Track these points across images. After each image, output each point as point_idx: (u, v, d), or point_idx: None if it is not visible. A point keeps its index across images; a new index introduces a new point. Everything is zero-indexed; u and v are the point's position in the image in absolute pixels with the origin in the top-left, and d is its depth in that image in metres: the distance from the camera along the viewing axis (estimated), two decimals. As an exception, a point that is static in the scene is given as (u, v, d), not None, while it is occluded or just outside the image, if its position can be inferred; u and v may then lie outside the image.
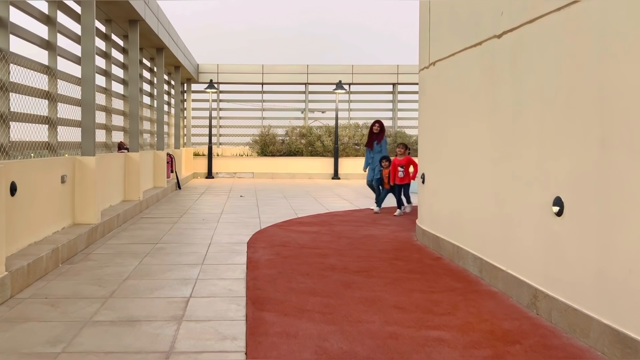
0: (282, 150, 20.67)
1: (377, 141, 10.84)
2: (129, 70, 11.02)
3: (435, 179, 6.78)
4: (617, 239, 3.39)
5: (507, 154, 4.81)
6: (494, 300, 4.62)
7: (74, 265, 5.77)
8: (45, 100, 6.99)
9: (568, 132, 3.89)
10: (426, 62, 7.06)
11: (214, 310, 4.29)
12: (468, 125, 5.73)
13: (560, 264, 3.97)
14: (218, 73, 21.51)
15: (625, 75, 3.34)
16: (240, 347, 3.54)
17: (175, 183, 14.88)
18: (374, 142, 10.87)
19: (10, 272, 4.56)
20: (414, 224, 8.13)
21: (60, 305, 4.36)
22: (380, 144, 10.81)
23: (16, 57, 6.00)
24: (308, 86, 22.02)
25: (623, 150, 3.34)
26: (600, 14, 3.58)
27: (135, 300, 4.54)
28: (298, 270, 5.52)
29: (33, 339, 3.62)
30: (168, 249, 6.63)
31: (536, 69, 4.34)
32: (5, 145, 5.65)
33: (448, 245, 6.18)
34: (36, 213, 5.89)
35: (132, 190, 10.19)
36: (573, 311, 3.78)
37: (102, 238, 7.34)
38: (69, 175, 7.02)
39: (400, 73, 21.79)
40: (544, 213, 4.16)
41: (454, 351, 3.49)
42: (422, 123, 7.45)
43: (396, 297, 4.65)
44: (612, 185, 3.43)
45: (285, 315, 4.15)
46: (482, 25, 5.32)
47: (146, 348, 3.49)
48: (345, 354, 3.43)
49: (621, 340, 3.30)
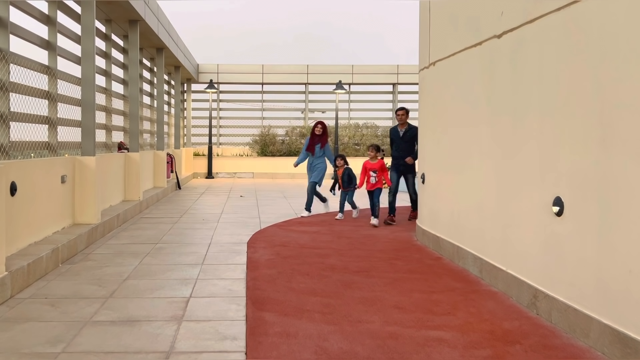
0: (282, 150, 20.66)
1: (320, 145, 9.77)
2: (129, 70, 11.02)
3: (436, 179, 6.78)
4: (617, 239, 3.39)
5: (507, 153, 4.81)
6: (494, 300, 4.62)
7: (74, 265, 5.77)
8: (45, 100, 6.99)
9: (568, 131, 3.89)
10: (426, 62, 7.06)
11: (214, 310, 4.29)
12: (468, 125, 5.72)
13: (560, 264, 3.97)
14: (218, 73, 21.51)
15: (626, 75, 3.34)
16: (240, 347, 3.54)
17: (175, 183, 14.88)
18: (316, 146, 9.75)
19: (10, 272, 4.56)
20: (414, 224, 8.14)
21: (60, 305, 4.36)
22: (324, 150, 9.80)
23: (16, 57, 6.00)
24: (308, 86, 22.02)
25: (623, 150, 3.34)
26: (600, 14, 3.58)
27: (135, 300, 4.54)
28: (298, 270, 5.52)
29: (33, 339, 3.62)
30: (168, 249, 6.63)
31: (536, 69, 4.34)
32: (5, 145, 5.65)
33: (448, 245, 6.18)
34: (36, 213, 5.89)
35: (132, 190, 10.18)
36: (573, 311, 3.78)
37: (102, 238, 7.34)
38: (69, 175, 7.02)
39: (400, 73, 21.80)
40: (544, 213, 4.16)
41: (454, 351, 3.49)
42: (422, 123, 7.45)
43: (396, 297, 4.65)
44: (612, 185, 3.43)
45: (285, 315, 4.15)
46: (482, 25, 5.32)
47: (146, 348, 3.49)
48: (345, 354, 3.43)
49: (621, 340, 3.30)
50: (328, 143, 9.89)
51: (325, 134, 9.87)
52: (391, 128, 9.34)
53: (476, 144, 5.50)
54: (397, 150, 8.98)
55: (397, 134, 9.03)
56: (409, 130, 8.91)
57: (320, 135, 9.82)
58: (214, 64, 21.63)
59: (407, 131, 8.92)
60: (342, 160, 9.35)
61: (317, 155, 9.75)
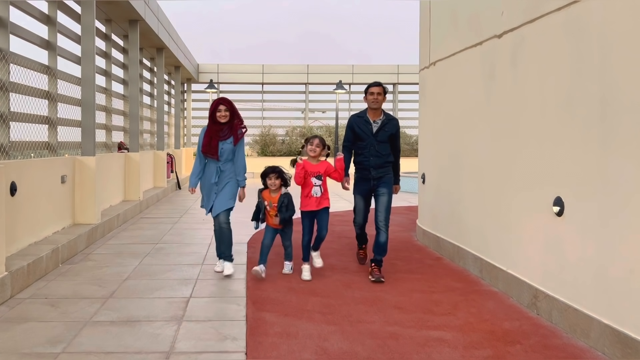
0: (283, 150, 20.68)
1: (230, 138, 5.39)
2: (129, 70, 11.02)
3: (436, 179, 6.78)
4: (618, 239, 3.39)
5: (508, 153, 4.80)
6: (494, 300, 4.62)
7: (74, 265, 5.77)
8: (45, 100, 6.99)
9: (568, 132, 3.88)
10: (426, 62, 7.05)
11: (214, 310, 4.29)
12: (468, 125, 5.72)
13: (561, 264, 3.97)
14: (218, 73, 21.52)
15: (626, 75, 3.33)
16: (240, 347, 3.54)
17: (175, 183, 14.87)
18: (220, 147, 5.35)
19: (10, 272, 4.56)
20: (414, 224, 8.13)
21: (60, 306, 4.36)
22: (237, 149, 5.43)
23: (16, 57, 6.00)
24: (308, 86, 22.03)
25: (623, 150, 3.34)
26: (600, 14, 3.57)
27: (135, 300, 4.54)
28: (298, 270, 5.51)
29: (33, 339, 3.61)
30: (168, 249, 6.63)
31: (536, 69, 4.33)
32: (5, 145, 5.65)
33: (448, 245, 6.18)
34: (36, 213, 5.89)
35: (132, 190, 10.18)
36: (573, 311, 3.78)
37: (102, 238, 7.34)
38: (69, 175, 7.01)
39: (401, 73, 21.82)
40: (544, 213, 4.15)
41: (455, 351, 3.49)
42: (423, 123, 7.44)
43: (396, 297, 4.65)
44: (612, 185, 3.43)
45: (286, 315, 4.15)
46: (483, 25, 5.32)
47: (146, 348, 3.49)
48: (345, 354, 3.43)
49: (621, 341, 3.30)
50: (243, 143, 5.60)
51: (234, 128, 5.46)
52: (353, 116, 5.56)
53: (476, 143, 5.50)
54: (366, 156, 5.36)
55: (367, 128, 5.37)
56: (387, 123, 5.38)
57: (230, 125, 5.41)
58: (214, 64, 21.65)
59: (385, 124, 5.37)
60: (276, 174, 5.26)
61: (223, 159, 5.40)
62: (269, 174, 5.23)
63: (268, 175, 5.23)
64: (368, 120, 5.38)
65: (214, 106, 5.38)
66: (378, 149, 5.34)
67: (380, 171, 5.36)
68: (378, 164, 5.34)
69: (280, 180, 5.22)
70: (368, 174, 5.36)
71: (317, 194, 5.27)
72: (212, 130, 5.38)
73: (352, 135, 5.48)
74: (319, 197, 5.28)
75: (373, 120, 5.38)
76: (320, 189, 5.29)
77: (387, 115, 5.51)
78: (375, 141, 5.33)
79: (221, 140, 5.35)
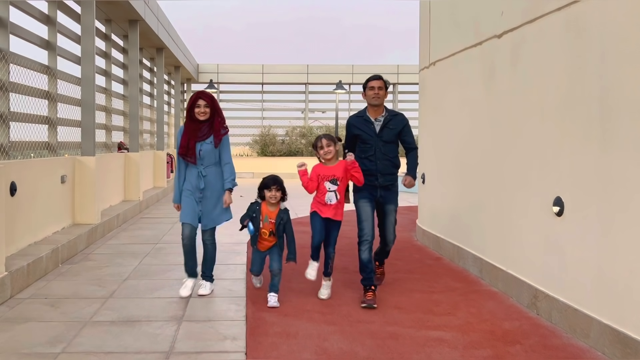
0: (282, 150, 20.67)
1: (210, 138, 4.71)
2: (129, 70, 11.02)
3: (436, 179, 6.78)
4: (618, 240, 3.39)
5: (508, 153, 4.80)
6: (494, 300, 4.62)
7: (73, 265, 5.77)
8: (45, 100, 6.99)
9: (568, 132, 3.88)
10: (426, 62, 7.05)
11: (214, 310, 4.29)
12: (468, 125, 5.72)
13: (561, 264, 3.97)
14: (218, 73, 21.52)
15: (626, 75, 3.33)
16: (240, 347, 3.54)
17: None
18: (198, 149, 4.66)
19: (10, 272, 4.56)
20: (414, 224, 8.13)
21: (60, 305, 4.36)
22: (219, 149, 4.75)
23: (16, 57, 6.00)
24: (308, 86, 22.03)
25: (623, 150, 3.34)
26: (600, 14, 3.57)
27: (135, 300, 4.53)
28: (298, 270, 5.51)
29: (33, 339, 3.61)
30: (168, 249, 6.62)
31: (536, 69, 4.33)
32: (5, 145, 5.65)
33: (448, 246, 6.18)
34: (36, 213, 5.89)
35: (132, 190, 10.18)
36: (573, 311, 3.78)
37: (102, 238, 7.33)
38: (69, 175, 7.01)
39: (400, 73, 21.80)
40: (544, 213, 4.15)
41: (454, 351, 3.49)
42: (423, 123, 7.44)
43: (396, 297, 4.65)
44: (612, 185, 3.43)
45: (285, 315, 4.15)
46: (483, 25, 5.32)
47: (146, 348, 3.49)
48: (345, 354, 3.43)
49: (621, 341, 3.30)
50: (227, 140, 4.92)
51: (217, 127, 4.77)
52: (352, 117, 4.96)
53: (476, 143, 5.50)
54: (372, 160, 4.73)
55: (369, 127, 4.76)
56: (391, 120, 4.77)
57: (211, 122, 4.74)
58: (214, 63, 21.64)
59: (389, 121, 4.76)
60: (277, 186, 4.64)
61: (206, 162, 4.71)
62: (270, 186, 4.53)
63: (269, 187, 4.53)
64: (368, 119, 4.73)
65: (192, 101, 4.64)
66: (385, 151, 4.68)
67: (387, 178, 4.71)
68: (385, 170, 4.69)
69: (281, 192, 4.58)
70: (375, 180, 4.67)
71: (331, 200, 4.56)
72: (190, 129, 4.64)
73: (353, 138, 4.82)
74: (333, 204, 4.56)
75: (374, 118, 4.73)
76: (335, 196, 4.55)
77: (390, 111, 4.82)
78: (380, 142, 4.68)
79: (199, 141, 4.61)
